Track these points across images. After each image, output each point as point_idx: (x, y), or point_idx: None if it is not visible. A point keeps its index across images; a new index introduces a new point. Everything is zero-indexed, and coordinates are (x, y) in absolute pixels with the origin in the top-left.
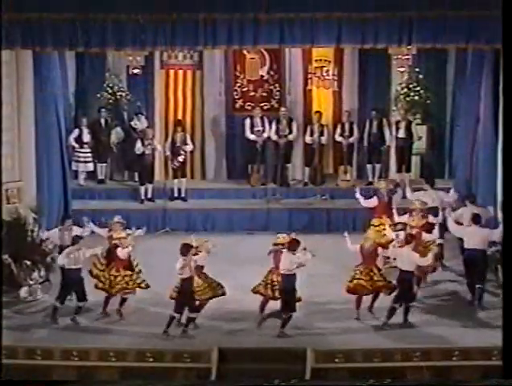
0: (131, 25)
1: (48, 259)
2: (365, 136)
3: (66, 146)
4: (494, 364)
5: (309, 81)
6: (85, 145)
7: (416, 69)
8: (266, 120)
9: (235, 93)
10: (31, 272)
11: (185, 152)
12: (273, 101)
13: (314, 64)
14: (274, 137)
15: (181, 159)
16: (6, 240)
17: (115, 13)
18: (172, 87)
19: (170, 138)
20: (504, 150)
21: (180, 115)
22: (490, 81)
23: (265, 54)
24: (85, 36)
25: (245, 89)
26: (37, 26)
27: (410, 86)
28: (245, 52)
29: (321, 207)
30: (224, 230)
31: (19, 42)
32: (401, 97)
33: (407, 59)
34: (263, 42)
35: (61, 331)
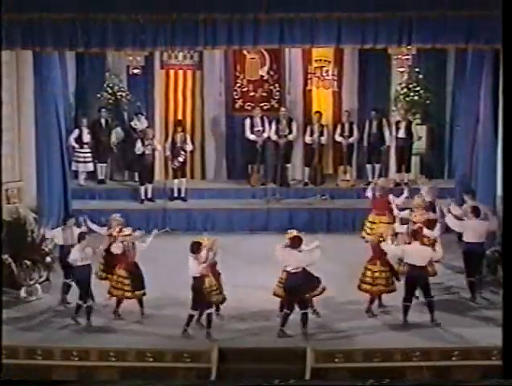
0: (131, 25)
1: (48, 259)
2: (365, 136)
3: (66, 146)
4: (494, 364)
5: (309, 81)
6: (85, 145)
7: (416, 69)
8: (266, 120)
9: (235, 93)
10: (31, 272)
11: (185, 152)
12: (273, 101)
13: (314, 64)
14: (274, 137)
15: (181, 159)
16: (7, 240)
17: (115, 13)
18: (172, 87)
19: (170, 138)
20: (504, 150)
21: (180, 115)
22: (490, 81)
23: (265, 54)
24: (85, 36)
25: (245, 89)
26: (37, 26)
27: (409, 86)
28: (245, 52)
29: (321, 207)
30: (224, 230)
31: (19, 42)
32: (401, 97)
33: (407, 59)
34: (263, 42)
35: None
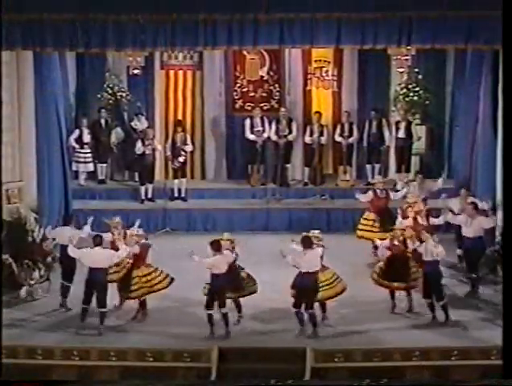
0: (131, 25)
1: (49, 259)
2: (365, 136)
3: (66, 146)
4: (493, 364)
5: (309, 82)
6: (86, 145)
7: (415, 69)
8: (266, 120)
9: (235, 94)
10: (32, 271)
11: (185, 152)
12: (273, 102)
13: (313, 65)
14: (273, 137)
15: (181, 159)
16: (7, 240)
17: (115, 13)
18: (172, 87)
19: (170, 138)
20: (504, 150)
21: (180, 115)
22: (489, 81)
23: (265, 54)
24: (86, 37)
25: (245, 90)
26: (37, 26)
27: (409, 86)
28: (245, 53)
29: (321, 207)
30: (224, 230)
31: (20, 42)
32: (400, 98)
33: (407, 59)
34: (263, 42)
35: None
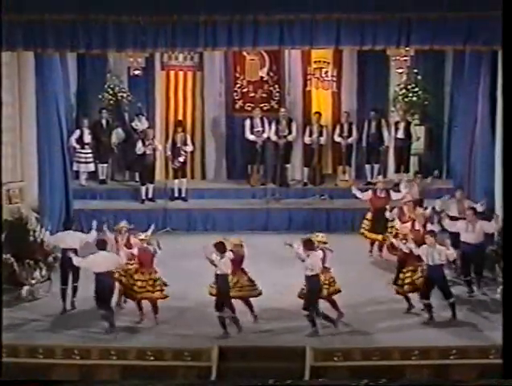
0: (132, 26)
1: (50, 258)
2: (364, 136)
3: (67, 147)
4: (492, 363)
5: (308, 82)
6: (86, 145)
7: (414, 70)
8: (266, 120)
9: (235, 94)
10: (33, 271)
11: (185, 152)
12: (272, 102)
13: (313, 66)
14: (273, 137)
15: (181, 159)
16: (9, 240)
17: (116, 14)
18: (173, 88)
19: (170, 139)
20: (504, 150)
21: (181, 116)
22: (488, 82)
23: (264, 55)
24: (86, 38)
25: (245, 90)
26: (38, 27)
27: (408, 87)
28: (244, 54)
29: (320, 207)
30: (224, 230)
31: (21, 43)
32: (399, 98)
33: (406, 60)
34: (263, 43)
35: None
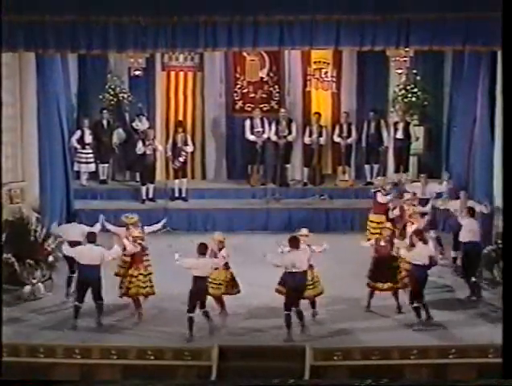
0: (133, 27)
1: (51, 258)
2: (364, 137)
3: (68, 147)
4: (491, 362)
5: (308, 83)
6: (87, 146)
7: (414, 71)
8: (266, 121)
9: (235, 94)
10: (34, 271)
11: (186, 152)
12: (272, 102)
13: (313, 66)
14: (273, 137)
15: (182, 160)
16: (9, 240)
17: (117, 15)
18: (173, 88)
19: (171, 139)
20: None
21: (181, 116)
22: (487, 82)
23: (264, 56)
24: (87, 38)
25: (245, 91)
26: (39, 28)
27: (407, 87)
28: (245, 54)
29: (320, 207)
30: (224, 230)
31: (22, 44)
32: (399, 99)
33: (405, 60)
34: (263, 44)
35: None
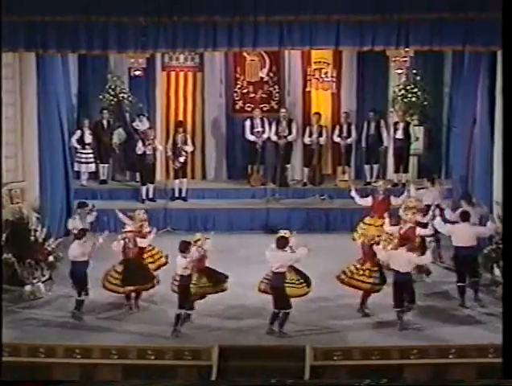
0: (133, 27)
1: (51, 258)
2: (363, 137)
3: (68, 147)
4: (491, 362)
5: (308, 83)
6: (87, 146)
7: (414, 71)
8: (266, 121)
9: (235, 95)
10: (34, 270)
11: (186, 152)
12: (272, 103)
13: (313, 66)
14: (273, 137)
15: (182, 160)
16: (10, 240)
17: (117, 15)
18: (173, 88)
19: (171, 139)
20: (504, 150)
21: (181, 116)
22: (487, 83)
23: (264, 56)
24: (87, 38)
25: (245, 91)
26: (40, 28)
27: (407, 88)
28: (245, 54)
29: (320, 207)
30: (224, 230)
31: (22, 44)
32: (398, 99)
33: (405, 61)
34: (263, 44)
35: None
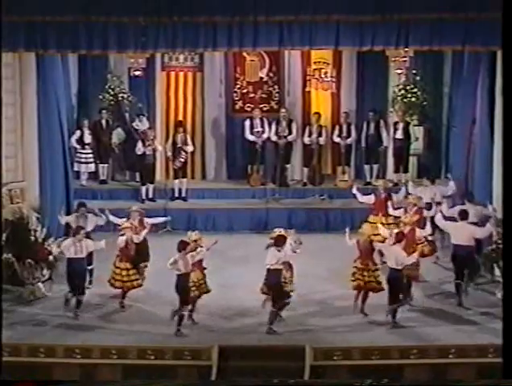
0: (133, 27)
1: (51, 258)
2: (363, 137)
3: (68, 147)
4: (491, 362)
5: (308, 83)
6: (87, 146)
7: (413, 71)
8: (266, 121)
9: (235, 95)
10: (34, 271)
11: (186, 152)
12: (272, 103)
13: (313, 66)
14: (273, 137)
15: (182, 160)
16: (10, 240)
17: (117, 16)
18: (173, 88)
19: (171, 139)
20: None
21: (181, 116)
22: (486, 83)
23: (264, 56)
24: (87, 38)
25: (244, 91)
26: (39, 28)
27: (407, 88)
28: (244, 54)
29: (320, 207)
30: (224, 230)
31: (22, 44)
32: (398, 99)
33: (404, 61)
34: (263, 44)
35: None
